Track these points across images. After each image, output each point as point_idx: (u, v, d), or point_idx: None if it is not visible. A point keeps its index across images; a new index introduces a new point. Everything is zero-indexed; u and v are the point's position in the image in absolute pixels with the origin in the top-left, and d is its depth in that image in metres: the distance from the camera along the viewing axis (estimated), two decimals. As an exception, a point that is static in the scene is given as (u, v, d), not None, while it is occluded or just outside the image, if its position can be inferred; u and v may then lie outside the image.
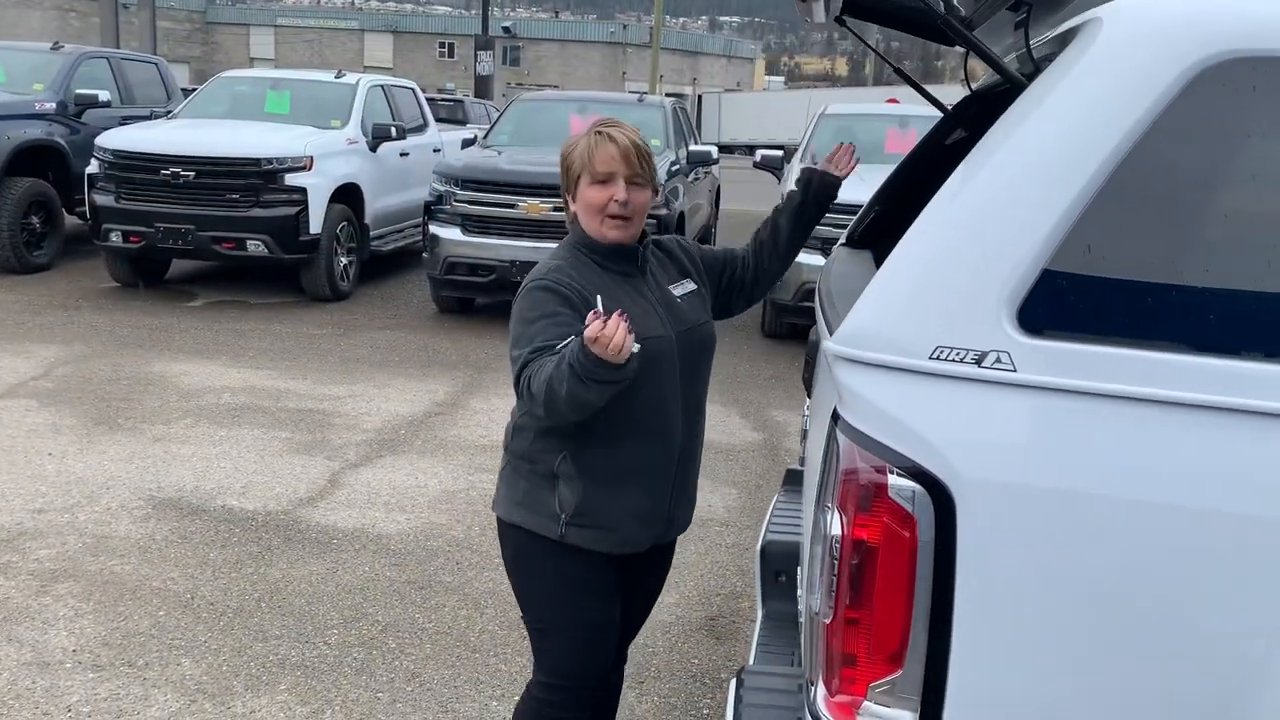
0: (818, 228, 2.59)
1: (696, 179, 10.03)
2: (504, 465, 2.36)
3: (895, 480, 1.44)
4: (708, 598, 3.98)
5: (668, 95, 12.47)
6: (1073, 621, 1.40)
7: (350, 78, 10.12)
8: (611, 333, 1.87)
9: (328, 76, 10.26)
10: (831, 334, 1.58)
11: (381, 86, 10.47)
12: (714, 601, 3.95)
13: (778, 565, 2.64)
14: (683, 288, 2.33)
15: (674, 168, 8.89)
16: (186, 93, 11.31)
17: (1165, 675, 1.40)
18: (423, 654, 3.44)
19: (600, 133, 2.21)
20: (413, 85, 11.51)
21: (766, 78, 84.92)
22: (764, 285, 2.54)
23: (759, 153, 9.96)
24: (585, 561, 2.27)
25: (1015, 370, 1.42)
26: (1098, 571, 1.39)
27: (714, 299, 2.46)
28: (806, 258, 7.46)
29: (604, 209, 2.18)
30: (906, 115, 9.51)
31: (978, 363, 1.44)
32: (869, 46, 2.77)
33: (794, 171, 8.77)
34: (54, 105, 9.79)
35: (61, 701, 3.09)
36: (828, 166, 2.55)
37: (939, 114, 2.96)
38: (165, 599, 3.73)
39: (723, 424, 6.16)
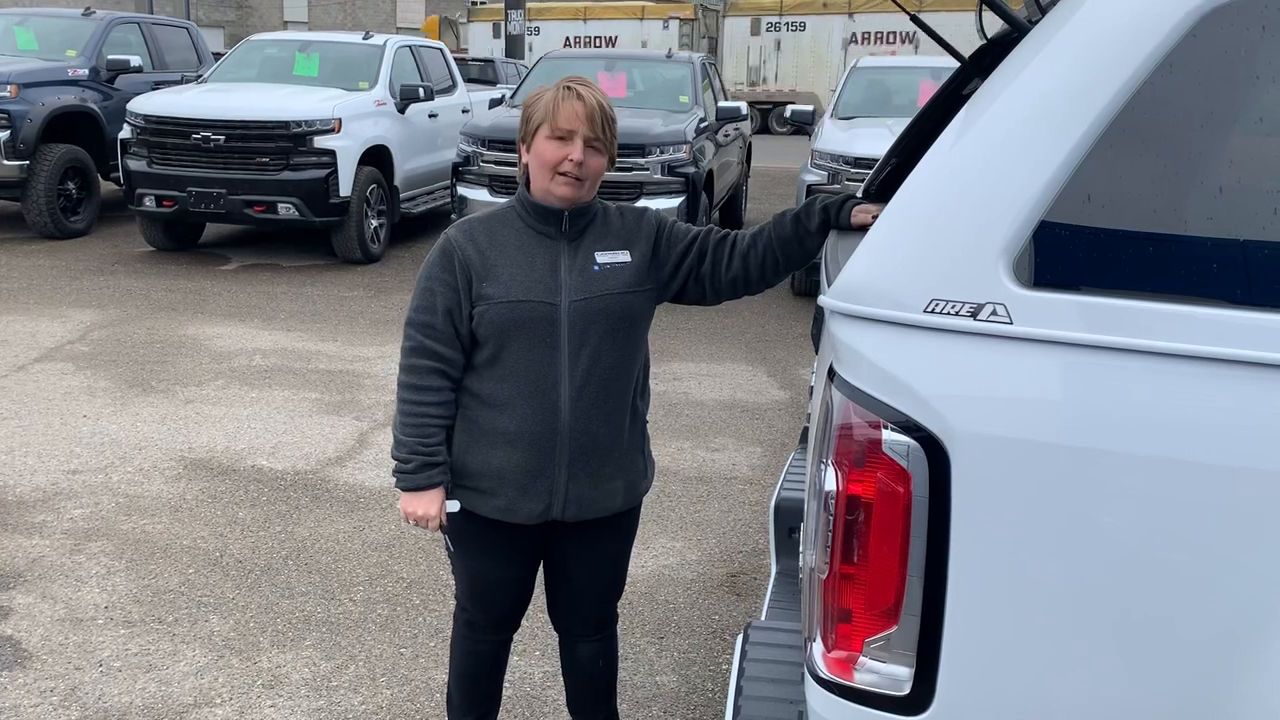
0: (847, 182, 2.50)
1: (727, 136, 9.93)
2: None
3: (889, 435, 1.43)
4: (730, 554, 3.99)
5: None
6: (1068, 577, 1.38)
7: (378, 39, 10.08)
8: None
9: (355, 38, 10.23)
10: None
11: (409, 47, 10.43)
12: (736, 558, 3.96)
13: (791, 522, 2.64)
14: (612, 256, 2.19)
15: (702, 124, 8.79)
16: (218, 57, 11.32)
17: (1160, 627, 1.38)
18: (446, 610, 3.48)
19: (569, 88, 2.11)
20: (441, 45, 11.46)
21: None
22: (726, 292, 2.27)
23: (789, 109, 9.83)
24: (477, 522, 2.28)
25: (1011, 323, 1.39)
26: (1094, 526, 1.37)
27: (668, 275, 2.25)
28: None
29: (557, 166, 2.10)
30: (941, 68, 9.32)
31: (973, 315, 1.41)
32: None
33: (825, 127, 8.63)
34: (87, 71, 9.87)
35: (93, 656, 3.17)
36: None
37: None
38: (195, 557, 3.80)
39: (750, 382, 6.14)
